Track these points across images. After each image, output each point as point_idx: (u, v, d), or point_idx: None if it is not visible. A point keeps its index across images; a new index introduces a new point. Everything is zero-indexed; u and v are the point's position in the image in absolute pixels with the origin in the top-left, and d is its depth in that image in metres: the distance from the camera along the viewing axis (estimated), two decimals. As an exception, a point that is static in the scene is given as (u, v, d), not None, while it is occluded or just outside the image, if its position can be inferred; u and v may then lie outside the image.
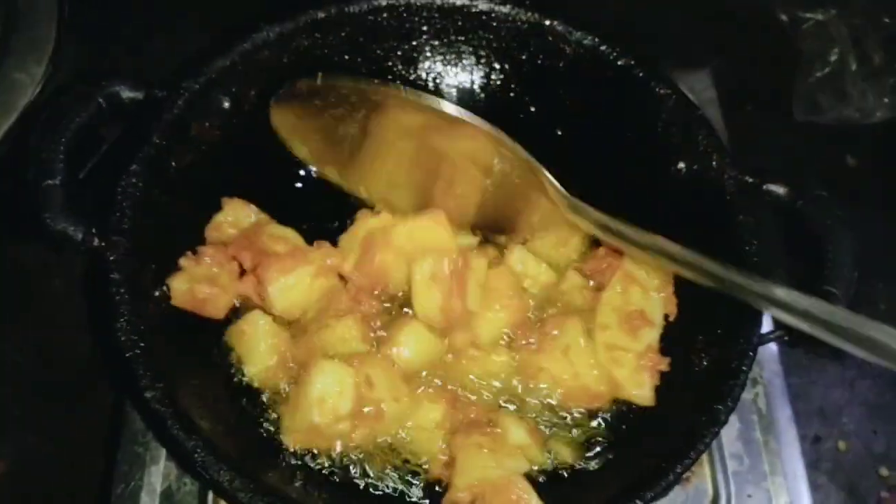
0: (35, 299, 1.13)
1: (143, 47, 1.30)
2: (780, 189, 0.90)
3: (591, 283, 0.97)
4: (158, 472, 0.93)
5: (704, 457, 0.95)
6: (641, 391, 0.90)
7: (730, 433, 0.99)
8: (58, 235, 0.75)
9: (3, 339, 1.10)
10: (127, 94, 0.82)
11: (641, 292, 0.94)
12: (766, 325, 0.88)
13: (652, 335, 0.92)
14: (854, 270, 0.85)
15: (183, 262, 0.85)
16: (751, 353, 0.81)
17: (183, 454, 0.72)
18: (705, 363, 0.86)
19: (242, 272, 0.90)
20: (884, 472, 1.09)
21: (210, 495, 0.91)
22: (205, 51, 0.88)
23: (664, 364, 0.91)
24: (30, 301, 1.13)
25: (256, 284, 0.87)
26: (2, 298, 1.13)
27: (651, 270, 0.94)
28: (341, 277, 0.92)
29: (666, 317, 0.94)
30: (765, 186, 0.90)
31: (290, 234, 0.93)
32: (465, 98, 1.06)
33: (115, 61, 1.27)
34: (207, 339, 0.87)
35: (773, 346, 1.05)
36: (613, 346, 0.92)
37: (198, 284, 0.84)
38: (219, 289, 0.85)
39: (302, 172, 1.01)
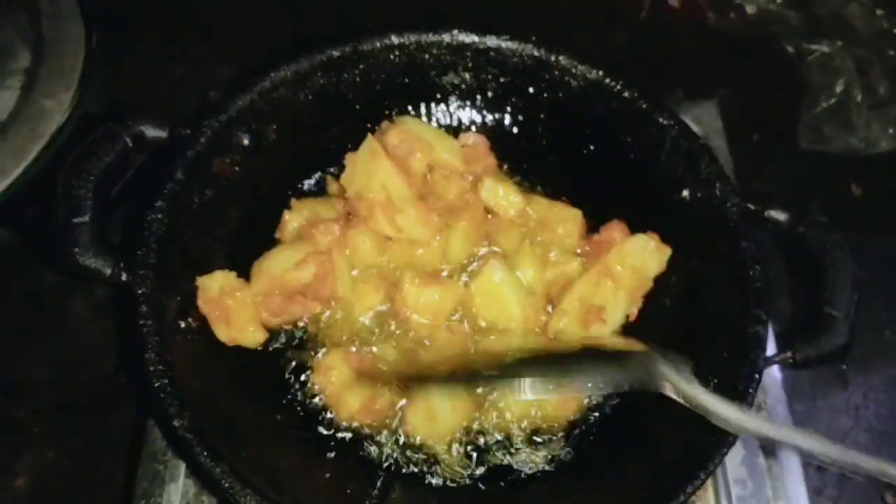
0: (56, 318, 1.16)
1: (169, 73, 1.35)
2: (781, 215, 0.93)
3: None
4: (177, 490, 0.95)
5: (709, 482, 0.97)
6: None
7: (734, 458, 1.00)
8: (87, 271, 0.79)
9: (25, 357, 1.13)
10: (151, 132, 0.86)
11: (612, 289, 0.97)
12: (771, 349, 0.90)
13: (600, 331, 0.96)
14: (854, 293, 0.87)
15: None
16: (757, 376, 0.83)
17: (210, 480, 0.75)
18: (712, 386, 0.86)
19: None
20: (889, 498, 1.10)
21: (226, 513, 0.94)
22: (225, 89, 0.92)
23: None
24: (51, 320, 1.16)
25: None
26: (23, 317, 1.16)
27: (633, 270, 0.97)
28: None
29: (627, 317, 0.99)
30: (767, 213, 0.93)
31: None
32: (476, 131, 1.09)
33: (141, 88, 1.31)
34: (231, 365, 0.90)
35: (776, 373, 1.06)
36: (561, 332, 0.96)
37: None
38: None
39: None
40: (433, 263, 1.00)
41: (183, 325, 0.84)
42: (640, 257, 0.97)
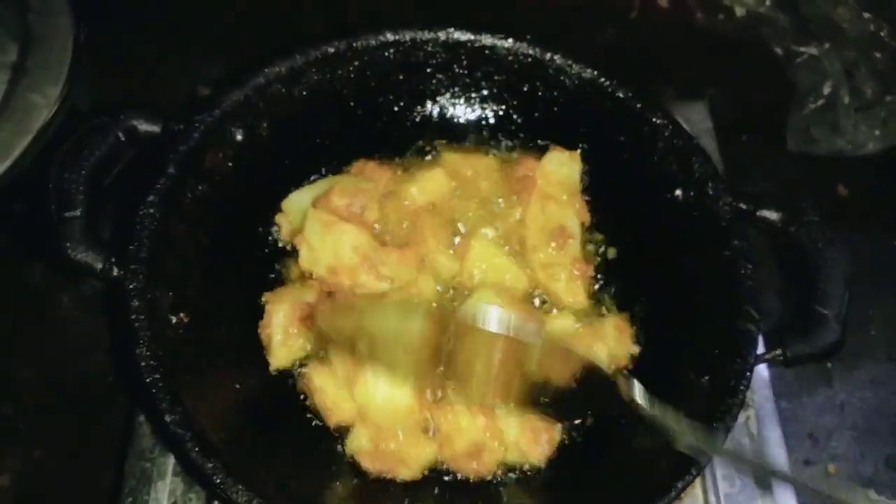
0: (43, 316, 1.15)
1: (157, 69, 1.34)
2: (773, 215, 0.94)
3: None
4: (165, 488, 0.95)
5: (697, 479, 0.97)
6: (577, 298, 0.99)
7: (722, 455, 1.01)
8: (78, 266, 0.78)
9: (11, 355, 1.12)
10: (144, 126, 0.85)
11: (558, 207, 1.01)
12: (762, 346, 0.91)
13: (575, 246, 1.01)
14: (845, 291, 0.88)
15: None
16: (748, 373, 0.84)
17: (201, 476, 0.75)
18: (703, 383, 0.89)
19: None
20: (872, 495, 1.11)
21: (215, 511, 0.93)
22: (219, 84, 0.92)
23: (590, 270, 1.01)
24: (38, 318, 1.15)
25: None
26: (9, 315, 1.15)
27: (560, 184, 1.02)
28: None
29: (582, 225, 1.04)
30: (758, 212, 0.94)
31: None
32: (471, 129, 1.10)
33: (130, 83, 1.31)
34: (224, 360, 0.90)
35: (764, 371, 1.07)
36: (548, 265, 0.99)
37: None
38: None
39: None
40: (431, 292, 0.98)
41: (174, 320, 0.84)
42: (561, 170, 1.03)
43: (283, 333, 0.93)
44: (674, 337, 0.96)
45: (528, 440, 0.91)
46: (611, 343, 0.95)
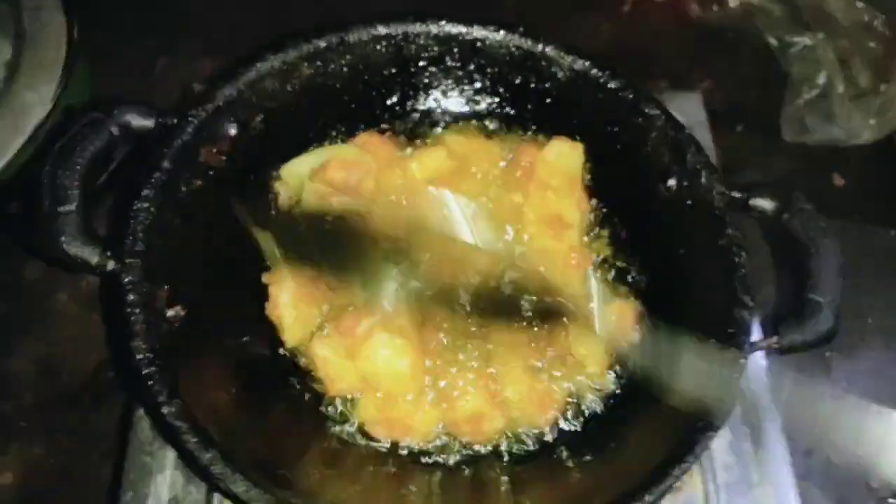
0: (41, 313, 1.16)
1: (152, 67, 1.34)
2: (765, 203, 0.94)
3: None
4: (165, 482, 0.95)
5: (696, 467, 0.97)
6: (573, 287, 0.98)
7: (721, 444, 1.01)
8: (73, 260, 0.79)
9: (9, 352, 1.13)
10: (138, 122, 0.85)
11: (557, 196, 1.01)
12: (756, 335, 0.91)
13: (573, 235, 1.01)
14: (839, 278, 0.88)
15: None
16: (742, 361, 0.84)
17: (199, 467, 0.75)
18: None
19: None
20: (873, 483, 1.11)
21: (215, 504, 0.94)
22: (212, 79, 0.92)
23: (589, 260, 1.00)
24: (35, 314, 1.16)
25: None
26: (8, 312, 1.16)
27: (563, 175, 1.02)
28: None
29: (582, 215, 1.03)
30: (751, 201, 0.94)
31: None
32: (465, 121, 1.10)
33: (124, 81, 1.31)
34: (223, 352, 0.91)
35: (761, 360, 1.08)
36: (543, 252, 0.99)
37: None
38: None
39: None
40: None
41: (171, 313, 0.84)
42: (562, 160, 1.03)
43: (292, 311, 0.93)
44: (669, 326, 0.97)
45: (533, 405, 0.92)
46: (611, 329, 0.96)
